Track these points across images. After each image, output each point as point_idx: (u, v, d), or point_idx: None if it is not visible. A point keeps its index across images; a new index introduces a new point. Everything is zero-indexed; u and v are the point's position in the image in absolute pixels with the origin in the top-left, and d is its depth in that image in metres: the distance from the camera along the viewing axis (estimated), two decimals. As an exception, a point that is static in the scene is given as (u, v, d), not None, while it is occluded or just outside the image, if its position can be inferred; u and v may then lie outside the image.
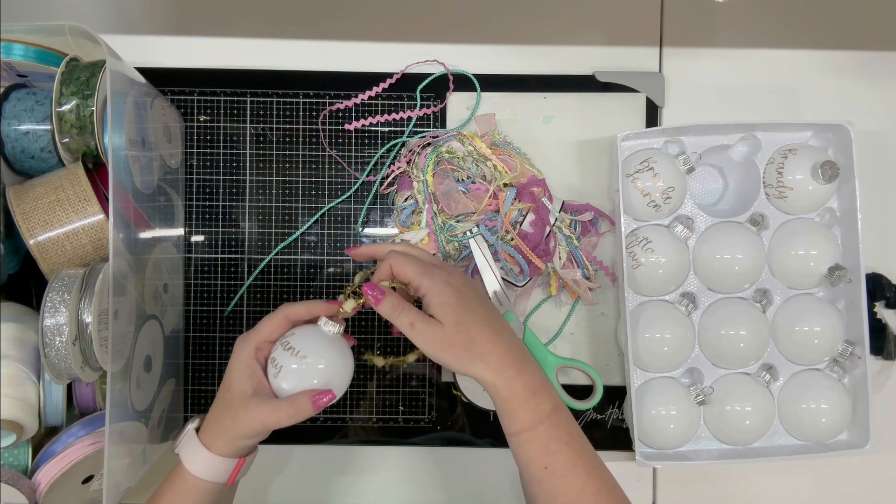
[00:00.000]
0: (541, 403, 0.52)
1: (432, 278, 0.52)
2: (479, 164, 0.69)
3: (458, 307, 0.52)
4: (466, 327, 0.52)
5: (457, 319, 0.52)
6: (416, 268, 0.53)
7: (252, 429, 0.52)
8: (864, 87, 0.73)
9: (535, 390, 0.52)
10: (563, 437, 0.52)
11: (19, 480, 0.55)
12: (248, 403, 0.52)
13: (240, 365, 0.53)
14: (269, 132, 0.71)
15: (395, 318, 0.53)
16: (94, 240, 0.57)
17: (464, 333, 0.52)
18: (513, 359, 0.52)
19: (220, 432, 0.53)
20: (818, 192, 0.65)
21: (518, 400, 0.52)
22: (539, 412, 0.52)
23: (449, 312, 0.52)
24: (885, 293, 0.69)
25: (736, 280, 0.67)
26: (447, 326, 0.52)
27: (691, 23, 0.73)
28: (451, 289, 0.52)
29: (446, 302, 0.52)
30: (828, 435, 0.67)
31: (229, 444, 0.53)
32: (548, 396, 0.53)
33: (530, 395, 0.52)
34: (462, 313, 0.52)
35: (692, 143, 0.69)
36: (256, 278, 0.70)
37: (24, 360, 0.55)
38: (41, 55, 0.59)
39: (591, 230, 0.70)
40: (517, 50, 0.72)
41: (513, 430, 0.52)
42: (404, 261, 0.53)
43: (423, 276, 0.53)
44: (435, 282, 0.52)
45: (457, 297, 0.52)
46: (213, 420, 0.54)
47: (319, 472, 0.71)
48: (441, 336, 0.52)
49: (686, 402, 0.66)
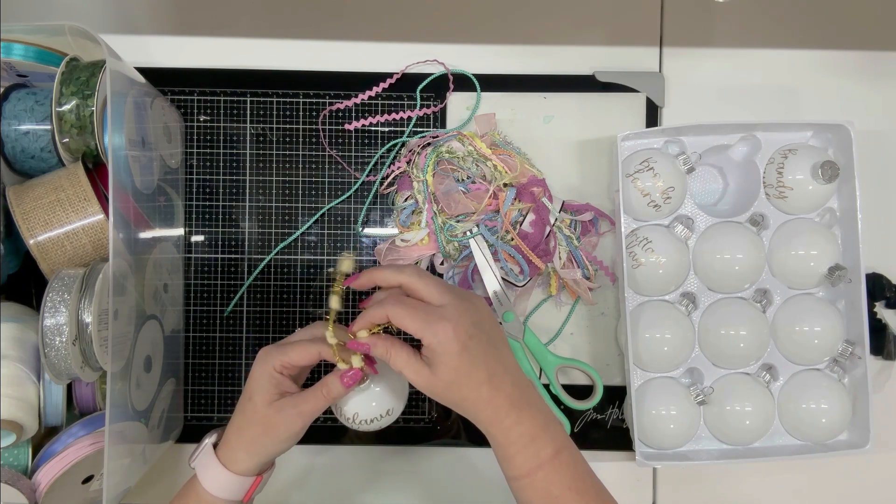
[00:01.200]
0: (540, 449, 0.50)
1: (435, 335, 0.49)
2: (479, 164, 0.69)
3: (458, 367, 0.49)
4: (459, 387, 0.49)
5: (451, 379, 0.49)
6: (417, 322, 0.49)
7: (290, 427, 0.52)
8: (864, 87, 0.73)
9: (534, 436, 0.50)
10: (565, 481, 0.50)
11: (19, 480, 0.55)
12: (280, 404, 0.51)
13: (263, 375, 0.52)
14: (269, 132, 0.71)
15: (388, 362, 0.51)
16: (94, 240, 0.57)
17: (456, 392, 0.50)
18: (510, 407, 0.50)
19: (243, 445, 0.52)
20: (818, 192, 0.65)
21: (514, 447, 0.50)
22: (538, 458, 0.50)
23: (443, 371, 0.49)
24: (885, 293, 0.69)
25: (736, 280, 0.67)
26: (440, 382, 0.49)
27: (691, 23, 0.73)
28: (455, 346, 0.49)
29: (444, 361, 0.49)
30: (828, 435, 0.67)
31: (253, 456, 0.52)
32: (549, 440, 0.50)
33: (528, 441, 0.50)
34: (459, 374, 0.49)
35: (692, 143, 0.69)
36: (256, 278, 0.70)
37: (24, 360, 0.55)
38: (41, 55, 0.59)
39: (591, 230, 0.70)
40: (517, 50, 0.72)
41: (511, 475, 0.51)
42: (403, 314, 0.50)
43: (426, 331, 0.49)
44: (438, 339, 0.49)
45: (458, 357, 0.49)
46: (235, 434, 0.53)
47: (319, 472, 0.71)
48: (432, 386, 0.50)
49: (686, 402, 0.66)
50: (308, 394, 0.52)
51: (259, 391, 0.52)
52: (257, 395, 0.52)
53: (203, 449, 0.54)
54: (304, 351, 0.52)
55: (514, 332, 0.67)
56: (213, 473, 0.52)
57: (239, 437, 0.52)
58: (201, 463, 0.53)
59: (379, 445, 0.71)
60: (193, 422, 0.70)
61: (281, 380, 0.52)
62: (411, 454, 0.71)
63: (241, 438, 0.52)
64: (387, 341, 0.51)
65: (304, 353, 0.52)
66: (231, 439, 0.53)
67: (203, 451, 0.53)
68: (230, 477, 0.52)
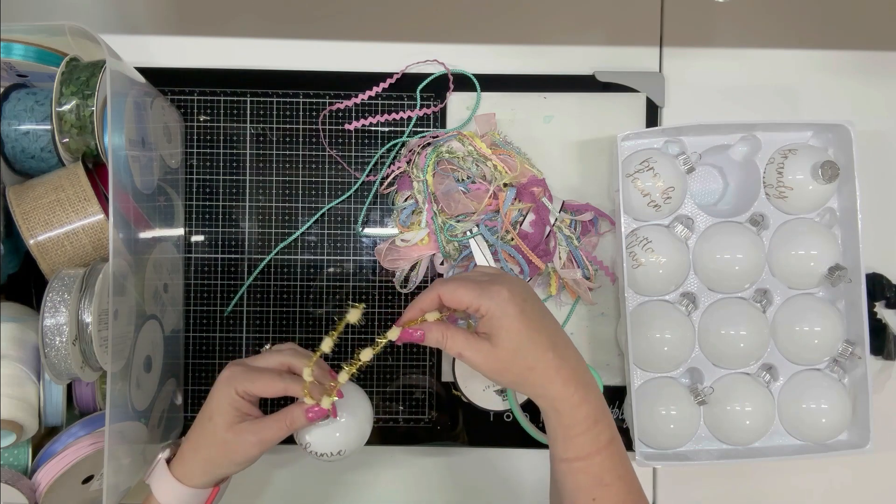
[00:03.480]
0: (601, 433, 0.49)
1: (492, 298, 0.48)
2: (479, 164, 0.69)
3: (520, 331, 0.48)
4: (525, 354, 0.48)
5: (516, 345, 0.48)
6: (471, 290, 0.48)
7: (247, 452, 0.51)
8: (863, 87, 0.73)
9: (597, 419, 0.49)
10: (618, 469, 0.49)
11: (19, 480, 0.55)
12: (240, 428, 0.51)
13: (225, 397, 0.51)
14: (269, 132, 0.71)
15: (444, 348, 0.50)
16: (94, 240, 0.57)
17: (521, 360, 0.48)
18: (577, 384, 0.48)
19: (199, 463, 0.51)
20: (818, 192, 0.65)
21: (579, 428, 0.48)
22: (598, 442, 0.49)
23: (507, 338, 0.48)
24: (885, 293, 0.69)
25: (736, 280, 0.67)
26: (504, 352, 0.48)
27: (691, 23, 0.73)
28: (514, 308, 0.48)
29: (506, 326, 0.47)
30: (828, 435, 0.67)
31: (209, 473, 0.52)
32: (607, 426, 0.49)
33: (592, 423, 0.49)
34: (522, 338, 0.48)
35: (692, 143, 0.69)
36: (256, 278, 0.70)
37: (24, 360, 0.55)
38: (41, 55, 0.59)
39: (591, 230, 0.70)
40: (517, 50, 0.72)
41: (566, 457, 0.49)
42: (455, 287, 0.49)
43: (482, 298, 0.48)
44: (496, 301, 0.47)
45: (519, 319, 0.48)
46: (191, 451, 0.52)
47: (319, 472, 0.71)
48: (495, 361, 0.48)
49: (686, 402, 0.66)
50: (270, 421, 0.51)
51: (220, 413, 0.51)
52: (218, 416, 0.51)
53: (156, 465, 0.53)
54: (271, 384, 0.51)
55: (514, 332, 0.67)
56: (168, 489, 0.51)
57: (194, 455, 0.52)
58: (156, 478, 0.52)
59: (380, 446, 0.70)
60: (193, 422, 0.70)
61: (242, 404, 0.52)
62: (411, 454, 0.71)
63: (197, 456, 0.52)
64: (441, 326, 0.50)
65: (269, 386, 0.51)
66: (186, 456, 0.52)
67: (157, 468, 0.53)
68: (185, 490, 0.51)
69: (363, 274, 0.70)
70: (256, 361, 0.54)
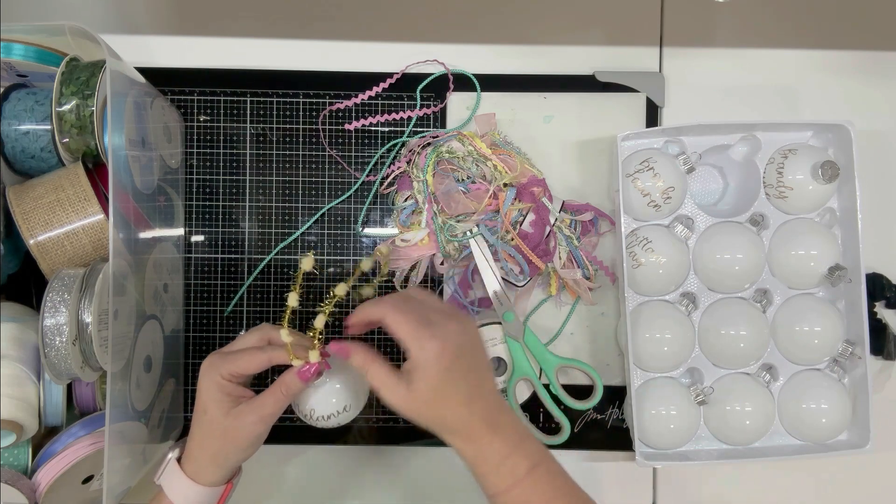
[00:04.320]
0: (515, 465, 0.50)
1: (422, 348, 0.49)
2: (479, 164, 0.69)
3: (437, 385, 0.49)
4: (437, 405, 0.49)
5: (429, 396, 0.49)
6: (409, 331, 0.49)
7: (251, 433, 0.51)
8: (864, 87, 0.73)
9: (508, 454, 0.50)
10: (544, 496, 0.50)
11: (19, 480, 0.55)
12: (238, 412, 0.51)
13: (212, 387, 0.51)
14: (269, 132, 0.71)
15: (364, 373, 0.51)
16: (94, 240, 0.57)
17: (432, 410, 0.49)
18: (485, 428, 0.50)
19: (207, 458, 0.52)
20: (818, 192, 0.65)
21: (487, 465, 0.50)
22: (514, 475, 0.49)
23: (423, 388, 0.49)
24: (885, 293, 0.69)
25: (736, 280, 0.67)
26: (417, 398, 0.49)
27: (691, 23, 0.73)
28: (438, 364, 0.49)
29: (426, 377, 0.49)
30: (828, 435, 0.67)
31: (220, 466, 0.52)
32: (523, 457, 0.50)
33: (501, 459, 0.50)
34: (437, 392, 0.49)
35: (692, 143, 0.69)
36: (256, 278, 0.70)
37: (24, 360, 0.55)
38: (41, 55, 0.59)
39: (591, 230, 0.70)
40: (517, 50, 0.72)
41: (488, 494, 0.51)
42: (397, 319, 0.50)
43: (413, 342, 0.49)
44: (424, 353, 0.49)
45: (440, 374, 0.49)
46: (197, 447, 0.52)
47: (319, 473, 0.71)
48: (408, 403, 0.49)
49: (686, 402, 0.66)
50: (266, 396, 0.52)
51: (213, 403, 0.51)
52: (212, 406, 0.51)
53: (167, 465, 0.53)
54: (254, 359, 0.52)
55: (514, 332, 0.67)
56: (182, 488, 0.52)
57: (202, 451, 0.52)
58: (167, 479, 0.52)
59: (379, 446, 0.70)
60: (193, 422, 0.70)
61: (232, 388, 0.52)
62: (396, 454, 0.71)
63: (204, 451, 0.52)
64: (368, 353, 0.51)
65: (253, 361, 0.52)
66: (195, 453, 0.52)
67: (168, 468, 0.53)
68: (200, 489, 0.52)
69: (363, 274, 0.70)
70: (233, 346, 0.54)
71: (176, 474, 0.52)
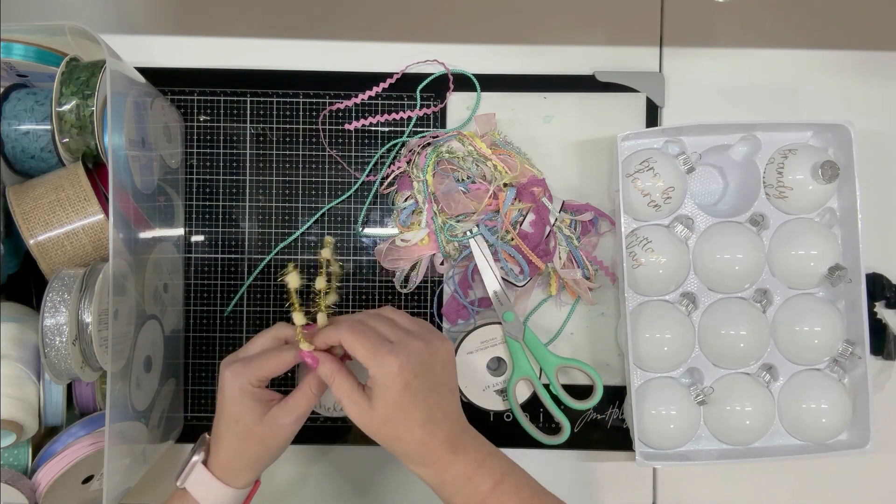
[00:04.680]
0: (478, 485, 0.50)
1: (381, 366, 0.49)
2: (479, 164, 0.69)
3: (396, 403, 0.49)
4: (395, 425, 0.49)
5: (388, 415, 0.49)
6: (367, 350, 0.49)
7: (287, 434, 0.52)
8: (864, 87, 0.73)
9: (470, 475, 0.50)
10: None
11: (19, 480, 0.55)
12: (272, 416, 0.51)
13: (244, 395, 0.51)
14: (269, 132, 0.71)
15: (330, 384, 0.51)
16: (94, 240, 0.57)
17: (391, 429, 0.50)
18: (443, 451, 0.50)
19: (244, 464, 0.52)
20: (818, 192, 0.65)
21: (451, 488, 0.50)
22: (478, 494, 0.50)
23: (381, 406, 0.49)
24: (885, 293, 0.69)
25: (736, 280, 0.67)
26: (376, 416, 0.49)
27: (691, 23, 0.73)
28: (396, 382, 0.49)
29: (384, 396, 0.49)
30: (828, 435, 0.67)
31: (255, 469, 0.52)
32: (486, 475, 0.50)
33: (464, 481, 0.50)
34: (396, 411, 0.49)
35: (692, 143, 0.69)
36: (256, 278, 0.70)
37: (24, 360, 0.55)
38: (41, 55, 0.59)
39: (591, 230, 0.70)
40: (517, 50, 0.72)
41: None
42: (354, 340, 0.50)
43: (371, 361, 0.49)
44: (382, 371, 0.49)
45: (398, 393, 0.49)
46: (232, 456, 0.52)
47: (319, 472, 0.71)
48: (367, 420, 0.50)
49: (686, 402, 0.66)
50: (298, 397, 0.52)
51: (245, 412, 0.51)
52: (245, 415, 0.51)
53: (193, 468, 0.53)
54: (281, 361, 0.52)
55: (514, 332, 0.67)
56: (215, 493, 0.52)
57: (238, 459, 0.52)
58: (196, 482, 0.52)
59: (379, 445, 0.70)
60: (193, 422, 0.70)
61: (261, 394, 0.52)
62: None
63: (240, 459, 0.52)
64: (334, 365, 0.51)
65: (280, 362, 0.52)
66: (230, 462, 0.52)
67: (195, 471, 0.53)
68: (233, 492, 0.52)
69: (363, 274, 0.70)
70: (248, 350, 0.54)
71: (206, 478, 0.52)
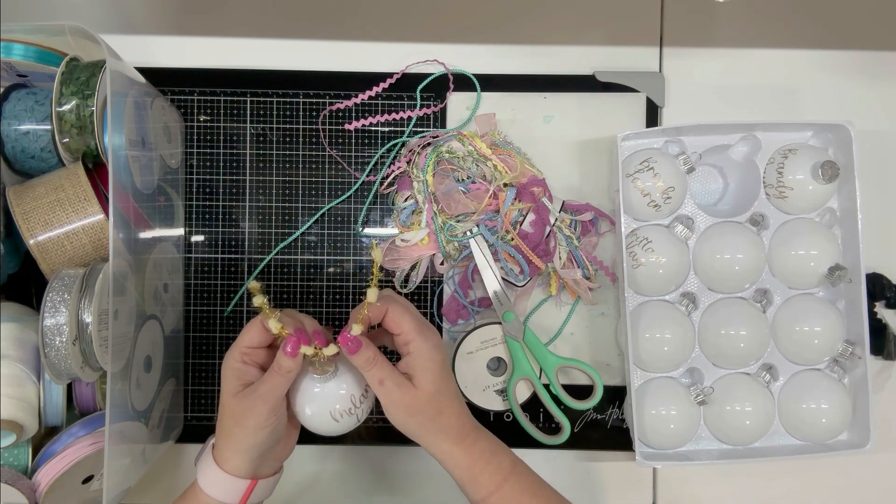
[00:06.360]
0: (501, 462, 0.53)
1: (426, 340, 0.51)
2: (479, 164, 0.69)
3: (440, 377, 0.52)
4: (440, 398, 0.52)
5: (435, 389, 0.51)
6: (414, 324, 0.52)
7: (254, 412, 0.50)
8: (864, 87, 0.73)
9: (493, 451, 0.53)
10: (529, 488, 0.53)
11: (19, 480, 0.55)
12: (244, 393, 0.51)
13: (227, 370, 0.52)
14: (269, 132, 0.71)
15: (367, 371, 0.51)
16: (94, 240, 0.57)
17: (436, 404, 0.51)
18: (471, 427, 0.53)
19: (224, 440, 0.52)
20: (818, 192, 0.65)
21: (479, 464, 0.52)
22: (501, 471, 0.52)
23: (430, 380, 0.51)
24: (885, 293, 0.69)
25: (736, 280, 0.67)
26: (422, 393, 0.51)
27: (691, 23, 0.73)
28: (439, 356, 0.52)
29: (432, 369, 0.51)
30: (828, 435, 0.67)
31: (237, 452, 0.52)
32: (505, 454, 0.54)
33: (490, 456, 0.53)
34: (441, 384, 0.52)
35: (692, 143, 0.69)
36: (256, 278, 0.70)
37: (24, 360, 0.55)
38: (41, 55, 0.59)
39: (591, 230, 0.70)
40: (517, 50, 0.72)
41: (479, 497, 0.52)
42: (402, 312, 0.52)
43: (418, 335, 0.51)
44: (428, 345, 0.51)
45: (441, 367, 0.52)
46: (218, 431, 0.53)
47: (320, 472, 0.71)
48: (412, 401, 0.51)
49: (686, 402, 0.66)
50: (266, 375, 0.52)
51: (225, 385, 0.52)
52: (224, 389, 0.52)
53: (206, 448, 0.54)
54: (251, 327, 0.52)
55: (514, 332, 0.67)
56: (208, 471, 0.52)
57: (220, 433, 0.53)
58: (202, 462, 0.53)
59: (380, 445, 0.70)
60: (193, 422, 0.70)
61: (245, 370, 0.52)
62: (411, 454, 0.71)
63: (221, 433, 0.53)
64: (376, 350, 0.51)
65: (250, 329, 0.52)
66: (218, 442, 0.53)
67: (205, 451, 0.54)
68: (223, 476, 0.52)
69: (363, 274, 0.70)
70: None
71: (207, 458, 0.53)
